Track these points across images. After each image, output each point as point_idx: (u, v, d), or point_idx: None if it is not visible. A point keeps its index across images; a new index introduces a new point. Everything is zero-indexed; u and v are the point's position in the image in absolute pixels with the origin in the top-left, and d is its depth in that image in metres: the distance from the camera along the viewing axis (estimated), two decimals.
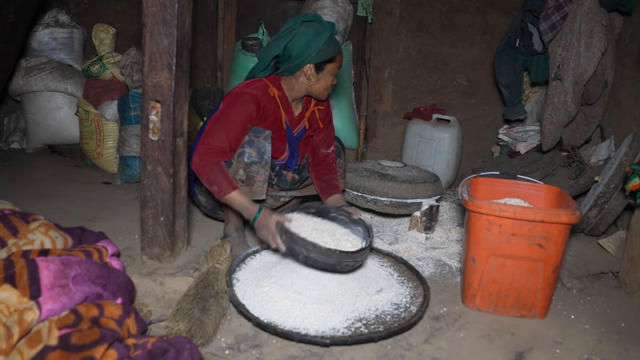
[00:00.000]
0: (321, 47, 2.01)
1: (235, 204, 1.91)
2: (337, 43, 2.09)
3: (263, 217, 1.85)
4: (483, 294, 1.84)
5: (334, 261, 1.71)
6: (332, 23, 2.07)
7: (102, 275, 1.39)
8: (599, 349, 1.65)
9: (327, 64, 2.06)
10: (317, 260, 1.70)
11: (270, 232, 1.80)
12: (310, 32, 2.01)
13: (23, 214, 1.68)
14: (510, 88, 3.48)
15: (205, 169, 1.91)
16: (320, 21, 2.06)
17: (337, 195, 2.23)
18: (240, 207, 1.91)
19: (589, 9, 2.81)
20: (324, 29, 2.02)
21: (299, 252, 1.71)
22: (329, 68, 2.08)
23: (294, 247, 1.72)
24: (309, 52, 2.01)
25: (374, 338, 1.55)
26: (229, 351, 1.49)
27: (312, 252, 1.68)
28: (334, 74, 2.12)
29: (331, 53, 2.05)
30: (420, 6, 3.87)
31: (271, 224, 1.80)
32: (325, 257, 1.69)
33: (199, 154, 1.93)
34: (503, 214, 1.71)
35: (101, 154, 3.46)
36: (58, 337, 1.15)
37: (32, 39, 3.65)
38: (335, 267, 1.74)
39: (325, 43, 2.01)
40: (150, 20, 1.64)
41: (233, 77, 3.76)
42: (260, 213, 1.86)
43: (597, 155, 2.94)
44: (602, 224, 2.54)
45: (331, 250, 1.68)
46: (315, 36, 2.00)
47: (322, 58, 2.04)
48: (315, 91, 2.13)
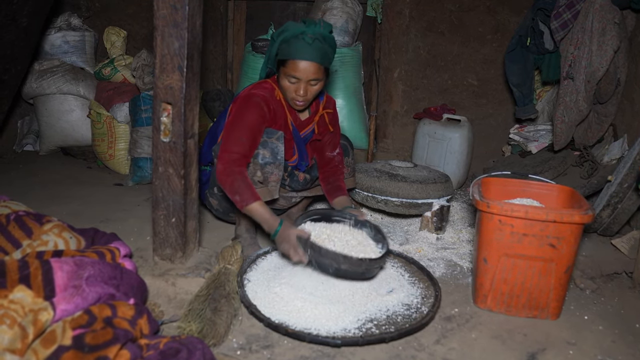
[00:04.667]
0: (282, 41, 1.93)
1: (257, 215, 1.87)
2: (303, 49, 1.90)
3: (283, 231, 1.81)
4: (495, 295, 1.83)
5: (364, 269, 1.72)
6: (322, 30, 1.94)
7: (114, 276, 1.41)
8: (613, 350, 1.64)
9: (282, 65, 1.98)
10: (348, 270, 1.70)
11: (292, 245, 1.76)
12: (289, 26, 1.94)
13: (37, 216, 1.70)
14: (521, 87, 3.46)
15: (229, 178, 1.89)
16: (309, 21, 1.96)
17: (343, 196, 2.23)
18: (261, 219, 1.87)
19: (600, 6, 2.78)
20: (300, 27, 1.92)
21: (329, 265, 1.70)
22: (282, 70, 1.98)
23: (322, 261, 1.71)
24: (276, 43, 1.96)
25: (385, 339, 1.55)
26: (240, 352, 1.50)
27: (343, 264, 1.68)
28: (290, 81, 1.97)
29: (287, 54, 1.92)
30: (430, 6, 3.86)
31: (292, 237, 1.77)
32: (356, 267, 1.69)
33: (223, 162, 1.91)
34: (515, 214, 1.70)
35: (113, 155, 3.49)
36: (72, 337, 1.16)
37: (45, 43, 3.69)
38: (364, 275, 1.76)
39: (289, 41, 1.91)
40: (161, 22, 1.65)
41: (243, 79, 3.78)
42: (281, 227, 1.82)
43: (610, 154, 2.91)
44: (615, 223, 2.51)
45: (362, 260, 1.69)
46: (287, 30, 1.93)
47: (281, 55, 1.96)
48: (282, 92, 2.07)
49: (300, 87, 1.97)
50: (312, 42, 1.89)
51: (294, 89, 1.99)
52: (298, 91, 1.98)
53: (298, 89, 1.98)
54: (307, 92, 2.00)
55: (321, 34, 1.93)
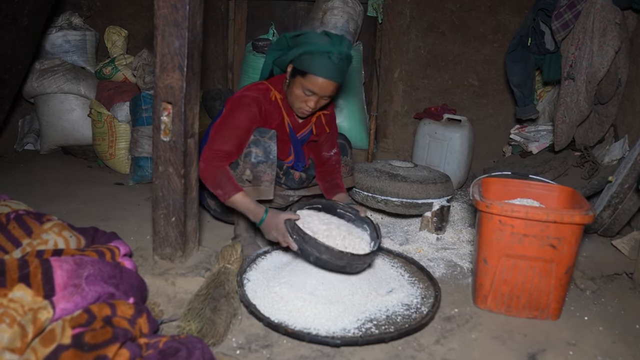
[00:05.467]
0: (306, 52, 1.92)
1: (240, 206, 1.88)
2: (327, 68, 1.90)
3: (270, 218, 1.82)
4: (495, 295, 1.83)
5: (345, 263, 1.70)
6: (347, 50, 1.94)
7: (114, 275, 1.41)
8: (613, 351, 1.63)
9: (299, 74, 1.96)
10: (328, 261, 1.70)
11: (280, 232, 1.78)
12: (314, 38, 1.95)
13: (37, 215, 1.70)
14: (522, 87, 3.45)
15: (210, 174, 1.90)
16: (335, 38, 1.96)
17: (342, 194, 2.23)
18: (245, 209, 1.88)
19: (602, 7, 2.77)
20: (327, 44, 1.92)
21: (310, 253, 1.70)
22: (299, 80, 1.97)
23: (305, 248, 1.72)
24: (296, 51, 1.96)
25: (385, 339, 1.55)
26: (240, 351, 1.50)
27: (323, 254, 1.68)
28: (305, 92, 1.97)
29: (309, 68, 1.91)
30: (431, 6, 3.86)
31: (280, 224, 1.78)
32: (336, 259, 1.69)
33: (205, 159, 1.92)
34: (515, 214, 1.70)
35: (113, 155, 3.49)
36: (71, 336, 1.16)
37: (46, 42, 3.70)
38: (345, 269, 1.74)
39: (313, 54, 1.91)
40: (162, 22, 1.65)
41: (244, 78, 3.78)
42: (267, 214, 1.84)
43: (611, 154, 2.90)
44: (616, 224, 2.51)
45: (343, 253, 1.68)
46: (312, 43, 1.92)
47: (300, 65, 1.95)
48: (287, 96, 2.08)
49: (314, 100, 2.00)
50: (337, 62, 1.92)
51: (305, 100, 2.00)
52: (309, 103, 2.00)
53: (310, 101, 2.00)
54: (317, 105, 2.03)
55: (346, 55, 1.96)
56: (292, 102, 2.07)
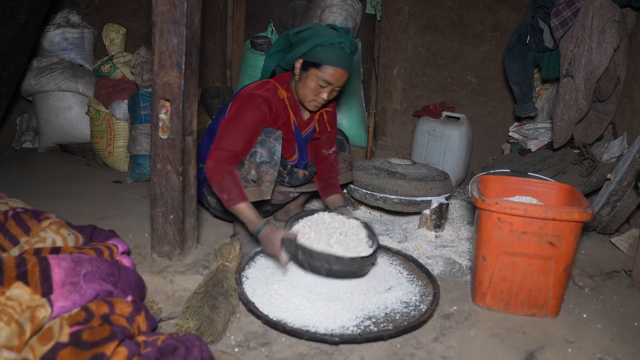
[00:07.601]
0: (317, 45, 1.95)
1: (243, 215, 1.88)
2: (340, 58, 1.96)
3: (266, 234, 1.81)
4: (493, 293, 1.83)
5: (356, 268, 1.72)
6: (353, 41, 1.98)
7: (112, 273, 1.40)
8: (612, 349, 1.63)
9: (313, 66, 1.98)
10: (340, 270, 1.70)
11: (275, 250, 1.77)
12: (322, 31, 1.98)
13: (35, 213, 1.69)
14: (520, 85, 3.45)
15: (218, 176, 1.89)
16: (342, 30, 1.99)
17: (336, 195, 2.27)
18: (247, 220, 1.88)
19: (600, 4, 2.77)
20: (337, 35, 1.96)
21: (321, 267, 1.69)
22: (313, 72, 1.99)
23: (314, 263, 1.70)
24: (305, 45, 1.98)
25: (384, 336, 1.55)
26: (238, 349, 1.49)
27: (334, 265, 1.68)
28: (320, 84, 2.00)
29: (323, 59, 1.95)
30: (430, 3, 3.85)
31: (276, 242, 1.77)
32: (347, 266, 1.70)
33: (214, 159, 1.91)
34: (514, 211, 1.70)
35: (112, 152, 3.48)
36: (69, 334, 1.16)
37: (44, 39, 3.69)
38: (357, 273, 1.76)
39: (325, 46, 1.94)
40: (160, 19, 1.65)
41: (242, 76, 3.77)
42: (263, 228, 1.83)
43: (610, 152, 2.90)
44: (614, 222, 2.51)
45: (353, 259, 1.69)
46: (322, 35, 1.96)
47: (313, 58, 1.97)
48: (299, 92, 2.08)
49: (327, 91, 2.03)
50: (349, 52, 1.98)
51: (319, 92, 2.03)
52: (322, 94, 2.03)
53: (324, 92, 2.03)
54: (329, 97, 2.06)
55: (355, 45, 2.01)
56: (304, 97, 2.07)
